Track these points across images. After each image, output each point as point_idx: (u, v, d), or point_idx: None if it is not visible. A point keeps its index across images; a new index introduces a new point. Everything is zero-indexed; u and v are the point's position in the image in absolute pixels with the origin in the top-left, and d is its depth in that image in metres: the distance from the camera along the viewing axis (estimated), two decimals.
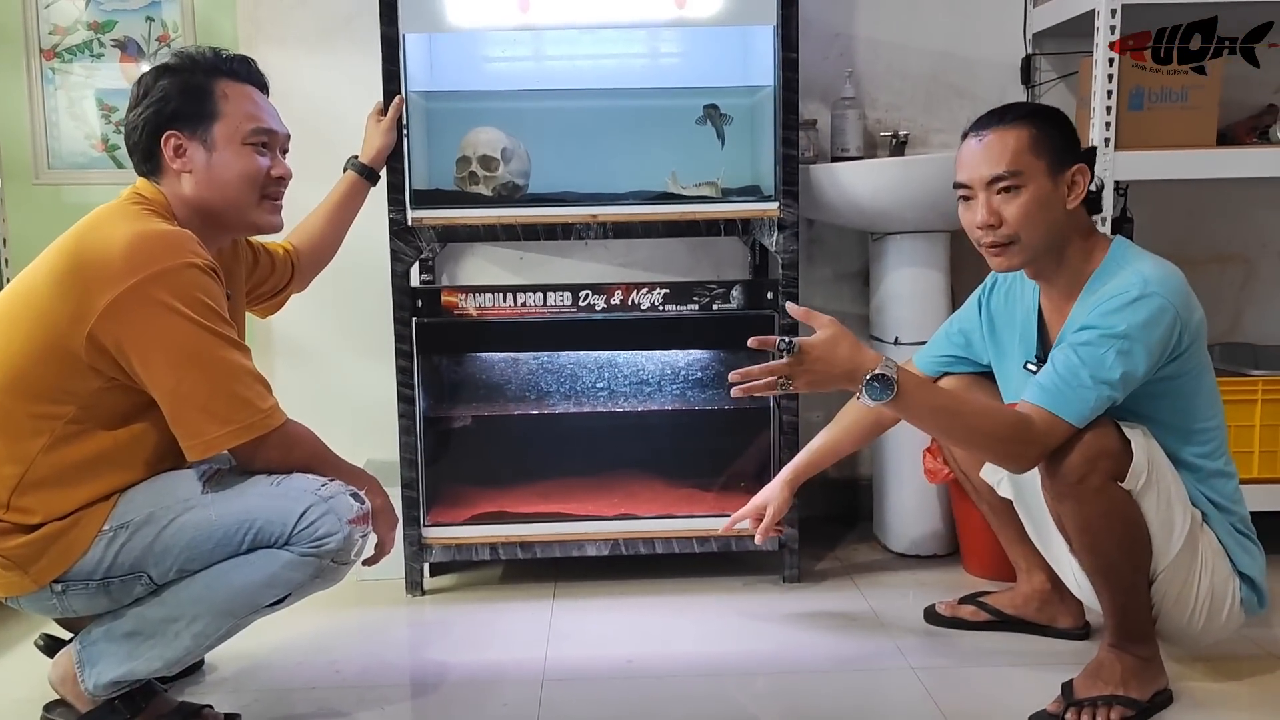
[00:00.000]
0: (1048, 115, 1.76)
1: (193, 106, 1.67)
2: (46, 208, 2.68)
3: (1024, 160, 1.70)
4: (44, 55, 2.68)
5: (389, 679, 1.94)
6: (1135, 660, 1.73)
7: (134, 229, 1.56)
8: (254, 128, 1.70)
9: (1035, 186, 1.70)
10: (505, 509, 2.38)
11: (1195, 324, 1.69)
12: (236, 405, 1.55)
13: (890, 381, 1.60)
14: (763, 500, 2.10)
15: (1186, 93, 2.30)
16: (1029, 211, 1.70)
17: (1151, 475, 1.66)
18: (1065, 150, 1.72)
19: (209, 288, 1.57)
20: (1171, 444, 1.72)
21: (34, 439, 1.55)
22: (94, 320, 1.51)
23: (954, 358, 1.98)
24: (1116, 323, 1.62)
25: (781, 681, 1.89)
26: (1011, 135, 1.71)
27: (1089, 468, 1.63)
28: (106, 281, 1.51)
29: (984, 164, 1.72)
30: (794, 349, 1.60)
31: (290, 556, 1.58)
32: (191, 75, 1.68)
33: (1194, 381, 1.72)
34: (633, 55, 2.62)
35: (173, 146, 1.67)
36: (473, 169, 2.32)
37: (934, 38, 2.68)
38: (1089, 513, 1.66)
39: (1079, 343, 1.64)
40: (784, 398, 2.27)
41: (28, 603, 1.62)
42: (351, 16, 2.57)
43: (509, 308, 2.26)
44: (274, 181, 1.74)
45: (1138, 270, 1.67)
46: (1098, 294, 1.68)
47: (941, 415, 1.67)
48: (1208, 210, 2.72)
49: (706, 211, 2.26)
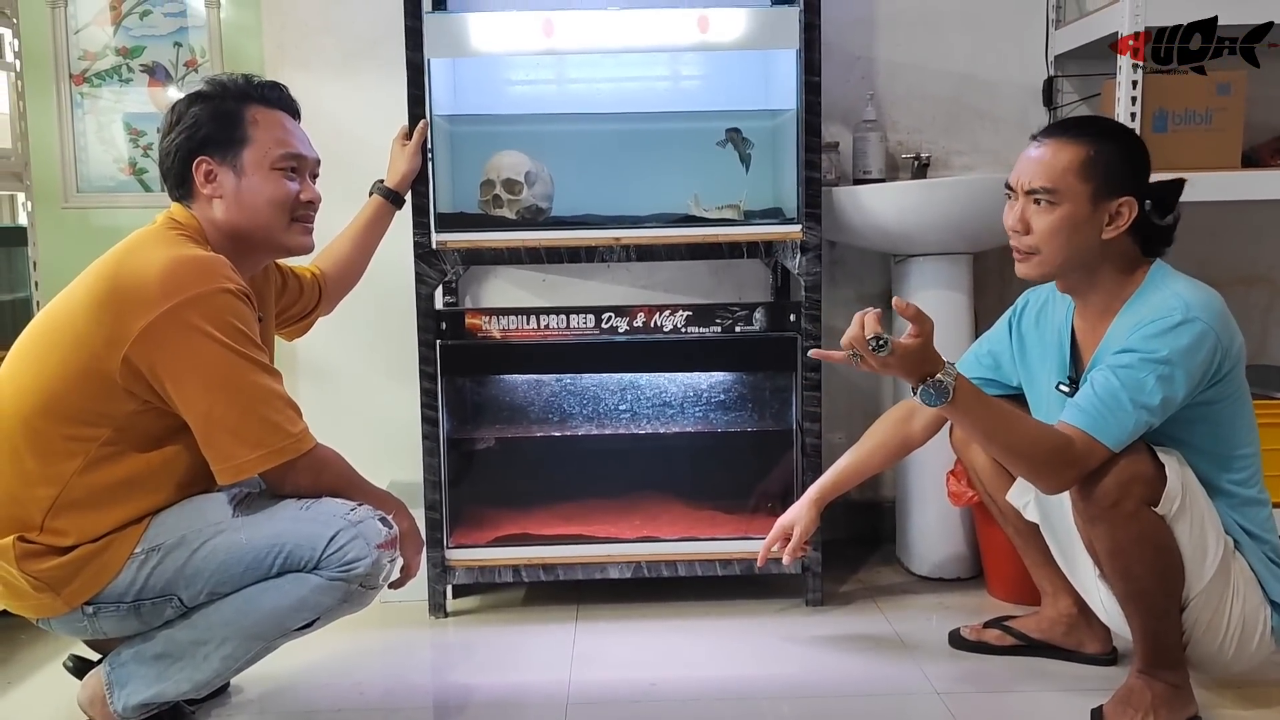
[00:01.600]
0: (1118, 139, 1.74)
1: (223, 132, 1.69)
2: (75, 231, 2.71)
3: (1067, 180, 1.69)
4: (73, 80, 2.72)
5: (413, 701, 1.94)
6: (1165, 687, 1.71)
7: (169, 254, 1.58)
8: (283, 153, 1.72)
9: (1071, 207, 1.69)
10: (528, 531, 2.38)
11: (1236, 350, 1.68)
12: (267, 430, 1.57)
13: (947, 388, 1.61)
14: (789, 521, 2.09)
15: (1210, 115, 2.30)
16: (1056, 230, 1.70)
17: (1185, 501, 1.65)
18: (1121, 179, 1.70)
19: (242, 313, 1.58)
20: (1207, 470, 1.71)
21: (68, 461, 1.57)
22: (129, 344, 1.53)
23: (983, 380, 1.97)
24: (1158, 347, 1.62)
25: (806, 706, 1.88)
26: (1067, 151, 1.70)
27: (1123, 492, 1.63)
28: (142, 306, 1.53)
29: (1029, 172, 1.73)
30: (885, 347, 1.59)
31: (319, 581, 1.59)
32: (222, 101, 1.70)
33: (1232, 407, 1.70)
34: (655, 79, 2.64)
35: (204, 172, 1.69)
36: (496, 192, 2.34)
37: (955, 60, 2.68)
38: (1121, 537, 1.65)
39: (1119, 365, 1.64)
40: (807, 420, 2.27)
41: (59, 624, 1.63)
42: (377, 41, 2.59)
43: (532, 330, 2.27)
44: (303, 205, 1.76)
45: (1178, 294, 1.66)
46: (1137, 315, 1.68)
47: (988, 427, 1.66)
48: (1232, 232, 2.71)
49: (729, 234, 2.26)
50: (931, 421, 2.02)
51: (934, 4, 2.66)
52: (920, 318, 1.62)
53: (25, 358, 1.63)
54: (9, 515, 1.59)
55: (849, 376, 2.76)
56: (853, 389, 2.77)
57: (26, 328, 1.67)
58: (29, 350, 1.63)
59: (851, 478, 2.09)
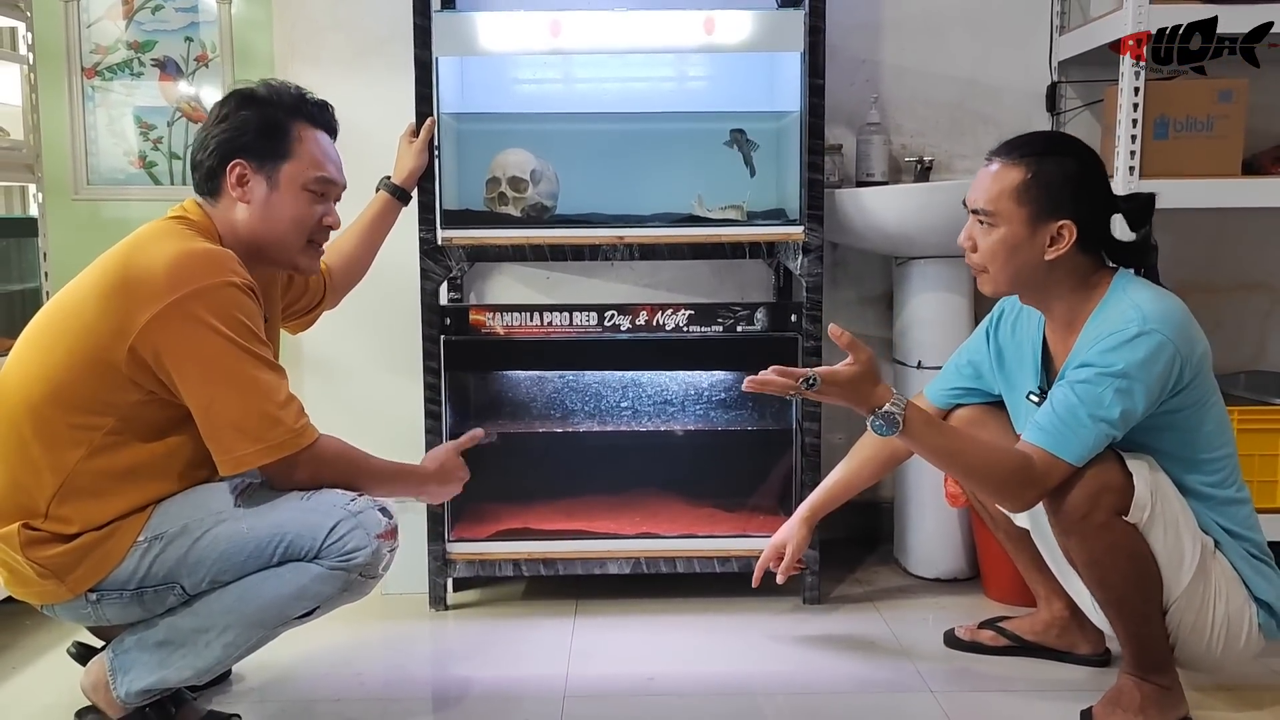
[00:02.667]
0: (1062, 160, 1.71)
1: (267, 142, 1.71)
2: (85, 223, 2.74)
3: (1002, 204, 1.71)
4: (85, 73, 2.74)
5: (412, 692, 1.96)
6: (1154, 688, 1.73)
7: (177, 248, 1.60)
8: (318, 176, 1.75)
9: (1007, 231, 1.71)
10: (529, 525, 2.40)
11: (1198, 358, 1.67)
12: (267, 424, 1.58)
13: (895, 419, 1.64)
14: (781, 540, 2.11)
15: (1212, 122, 2.31)
16: (995, 251, 1.73)
17: (1156, 507, 1.66)
18: (1059, 201, 1.69)
19: (247, 307, 1.60)
20: (1180, 474, 1.71)
21: (73, 449, 1.59)
22: (135, 335, 1.55)
23: (964, 389, 1.98)
24: (1114, 360, 1.62)
25: (801, 703, 1.90)
26: (1008, 174, 1.71)
27: (1092, 504, 1.64)
28: (149, 297, 1.55)
29: (975, 191, 1.76)
30: (815, 384, 1.65)
31: (319, 570, 1.61)
32: (274, 111, 1.73)
33: (1199, 413, 1.70)
34: (660, 79, 2.65)
35: (237, 174, 1.71)
36: (502, 190, 2.36)
37: (959, 65, 2.70)
38: (1094, 548, 1.67)
39: (1077, 380, 1.64)
40: (807, 419, 2.29)
41: (63, 610, 1.65)
42: (385, 39, 2.62)
43: (535, 327, 2.29)
44: (322, 229, 1.79)
45: (1136, 305, 1.65)
46: (1097, 329, 1.68)
47: (944, 454, 1.69)
48: (1232, 239, 2.72)
49: (732, 234, 2.28)
50: None
51: (939, 9, 2.68)
52: (855, 346, 1.65)
53: (33, 346, 1.65)
54: (15, 502, 1.61)
55: None
56: None
57: (35, 317, 1.69)
58: (37, 339, 1.65)
59: (841, 493, 2.10)
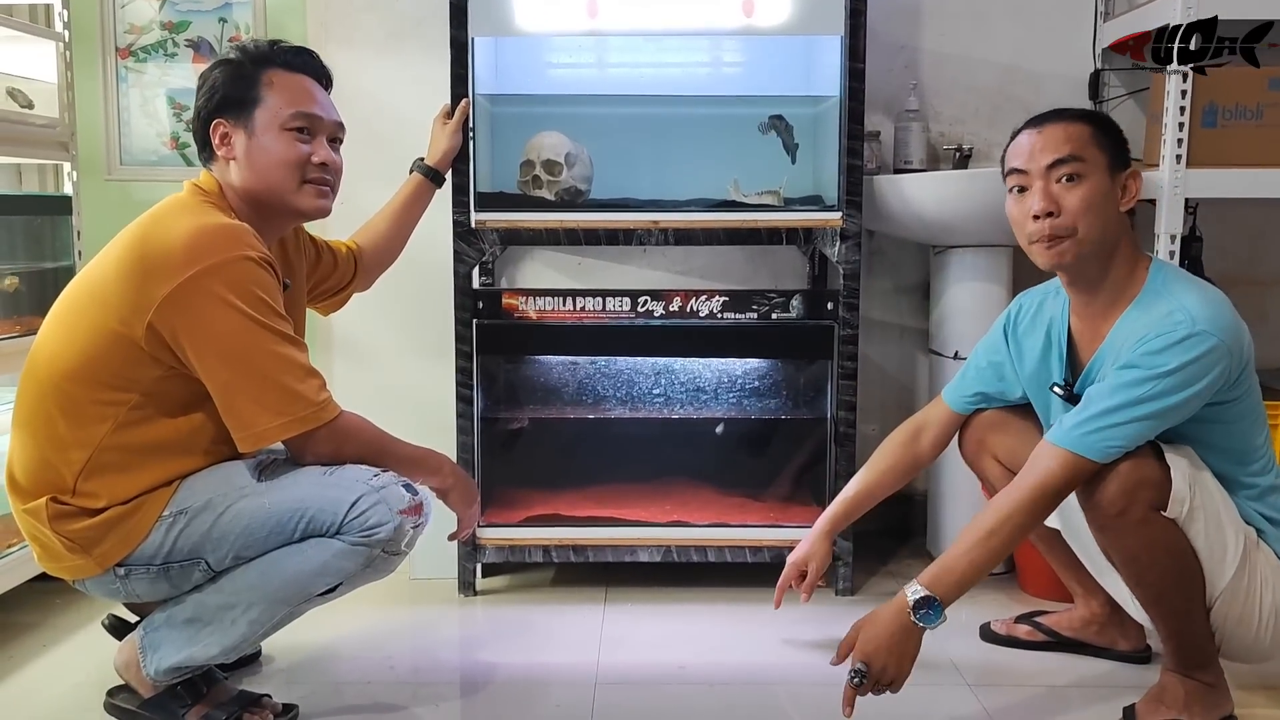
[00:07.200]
0: (1103, 119, 1.74)
1: (237, 93, 1.69)
2: (117, 203, 2.74)
3: (1088, 150, 1.67)
4: (119, 54, 2.74)
5: (441, 677, 1.95)
6: (1198, 685, 1.69)
7: (194, 223, 1.59)
8: (292, 112, 1.70)
9: (1097, 179, 1.67)
10: (559, 512, 2.38)
11: (1246, 353, 1.63)
12: (288, 398, 1.57)
13: (932, 599, 1.58)
14: (802, 557, 2.03)
15: (1261, 111, 2.26)
16: (1090, 203, 1.66)
17: (1196, 500, 1.61)
18: (1120, 151, 1.70)
19: (264, 281, 1.59)
20: (1225, 467, 1.67)
21: (99, 424, 1.59)
22: (153, 311, 1.54)
23: (984, 395, 1.94)
24: (1164, 361, 1.56)
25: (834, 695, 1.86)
26: (1075, 127, 1.69)
27: (1128, 500, 1.59)
28: (166, 273, 1.54)
29: (1047, 149, 1.68)
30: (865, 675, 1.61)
31: (341, 545, 1.59)
32: (241, 65, 1.71)
33: (1240, 406, 1.66)
34: (697, 63, 2.62)
35: (220, 134, 1.70)
36: (536, 173, 2.34)
37: (1001, 51, 2.65)
38: (1132, 544, 1.62)
39: (1120, 383, 1.59)
40: (841, 409, 2.26)
41: (94, 585, 1.65)
42: (420, 20, 2.60)
43: (568, 311, 2.27)
44: (316, 168, 1.72)
45: (1183, 305, 1.60)
46: (1140, 324, 1.63)
47: (986, 564, 1.61)
48: (1278, 230, 2.67)
49: (768, 220, 2.25)
50: (940, 438, 2.00)
51: None
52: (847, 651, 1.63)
53: (59, 323, 1.65)
54: (43, 478, 1.61)
55: (885, 367, 2.75)
56: (888, 380, 2.75)
57: (62, 293, 1.69)
58: (63, 315, 1.65)
59: (862, 504, 2.04)
